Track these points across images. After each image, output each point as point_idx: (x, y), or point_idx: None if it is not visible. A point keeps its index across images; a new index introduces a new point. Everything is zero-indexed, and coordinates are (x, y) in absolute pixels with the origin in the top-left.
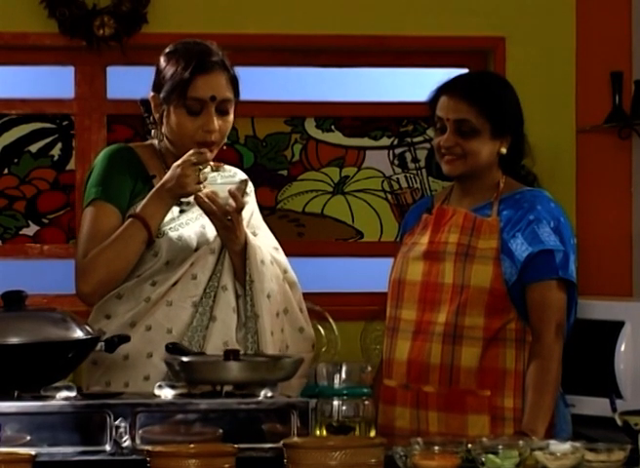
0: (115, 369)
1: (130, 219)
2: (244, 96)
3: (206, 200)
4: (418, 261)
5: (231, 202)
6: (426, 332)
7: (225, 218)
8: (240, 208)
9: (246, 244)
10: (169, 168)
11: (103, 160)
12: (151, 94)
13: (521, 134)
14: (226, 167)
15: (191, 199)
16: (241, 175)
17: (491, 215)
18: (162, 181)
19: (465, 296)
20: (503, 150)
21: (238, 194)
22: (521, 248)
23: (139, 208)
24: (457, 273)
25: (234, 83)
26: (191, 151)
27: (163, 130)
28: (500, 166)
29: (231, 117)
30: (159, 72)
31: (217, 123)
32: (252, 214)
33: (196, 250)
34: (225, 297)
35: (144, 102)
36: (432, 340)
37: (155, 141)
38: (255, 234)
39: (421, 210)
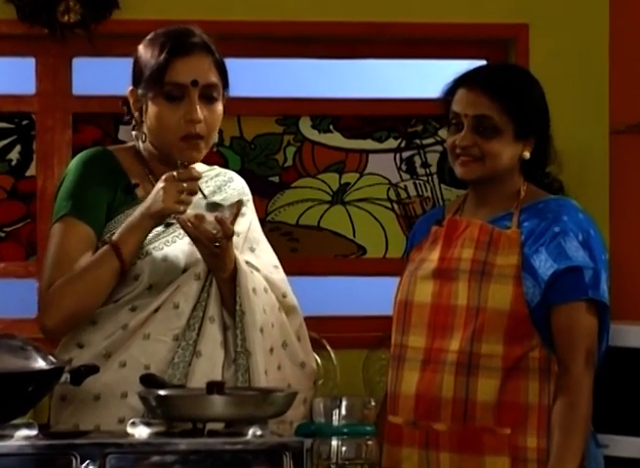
0: (85, 409)
1: (102, 247)
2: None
3: (189, 224)
4: (427, 281)
5: (226, 212)
6: (437, 362)
7: (213, 245)
8: (229, 236)
9: (236, 269)
10: (153, 174)
11: (76, 168)
12: (130, 88)
13: (547, 136)
14: (220, 169)
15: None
16: (237, 180)
17: (510, 227)
18: (143, 203)
19: (482, 320)
20: (527, 154)
21: (226, 221)
22: (545, 264)
23: (116, 234)
24: (471, 294)
25: (220, 68)
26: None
27: (144, 129)
28: (522, 172)
29: (219, 107)
30: (136, 63)
31: (201, 112)
32: (249, 226)
33: (184, 271)
34: (212, 330)
35: (126, 101)
36: (444, 371)
37: (139, 144)
38: (252, 250)
39: (431, 221)
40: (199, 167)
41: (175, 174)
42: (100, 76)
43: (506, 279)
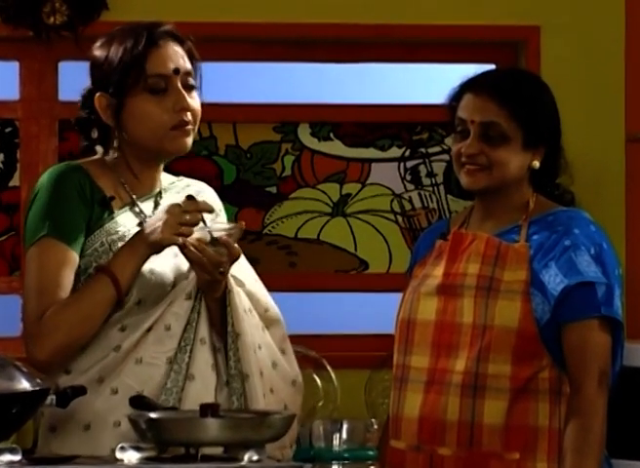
0: (75, 439)
1: (96, 274)
2: (224, 97)
3: (192, 249)
4: (430, 297)
5: (223, 250)
6: (441, 383)
7: (217, 271)
8: (236, 258)
9: (226, 288)
10: (127, 183)
11: (49, 185)
12: (98, 94)
13: (557, 146)
14: (189, 180)
15: None
16: (208, 191)
17: (519, 241)
18: (140, 229)
19: (488, 339)
20: (536, 164)
21: (232, 242)
22: (555, 280)
23: (110, 261)
24: (477, 311)
25: (193, 57)
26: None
27: (121, 133)
28: (531, 182)
29: (198, 98)
30: (100, 66)
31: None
32: None
33: (173, 286)
34: (203, 352)
35: (81, 122)
36: (449, 393)
37: (111, 154)
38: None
39: (436, 235)
40: (165, 177)
41: (180, 204)
42: (88, 81)
43: (514, 295)
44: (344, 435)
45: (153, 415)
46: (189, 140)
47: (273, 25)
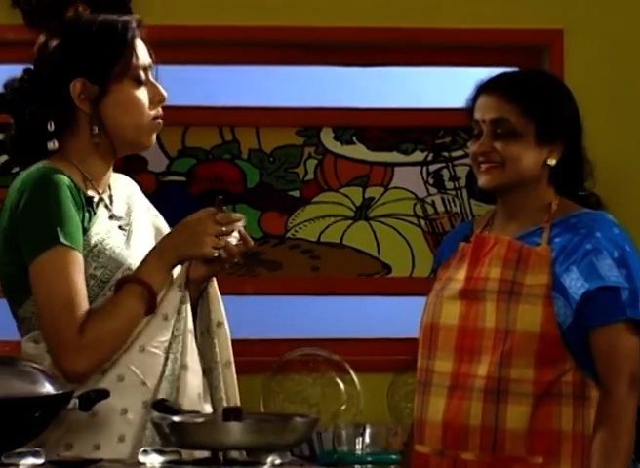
0: (80, 427)
1: (132, 286)
2: (247, 101)
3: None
4: (453, 301)
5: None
6: (464, 388)
7: (231, 261)
8: (250, 250)
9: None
10: (93, 179)
11: (44, 191)
12: (75, 80)
13: (577, 142)
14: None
15: (133, 219)
16: (128, 182)
17: (541, 244)
18: (167, 238)
19: (510, 344)
20: (552, 161)
21: (247, 235)
22: (576, 284)
23: (138, 271)
24: (499, 315)
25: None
26: (211, 209)
27: (96, 123)
28: (553, 184)
29: None
30: (77, 50)
31: None
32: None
33: None
34: (192, 342)
35: (33, 116)
36: (471, 397)
37: (62, 151)
38: None
39: (459, 237)
40: None
41: (212, 214)
42: None
43: (536, 299)
44: (367, 439)
45: (176, 419)
46: (155, 136)
47: (296, 29)
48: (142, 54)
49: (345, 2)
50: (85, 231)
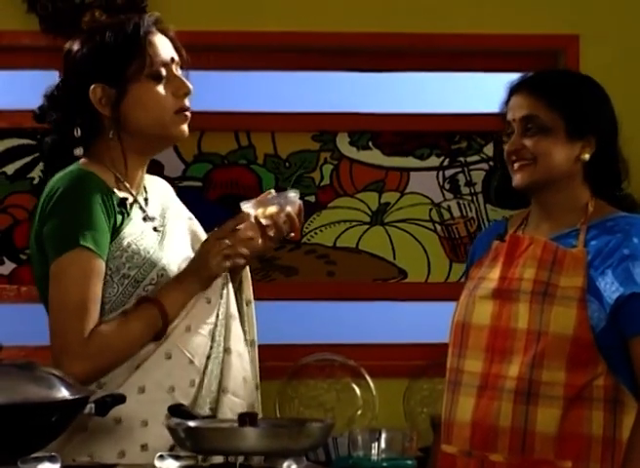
0: (103, 435)
1: (147, 305)
2: (263, 106)
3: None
4: (486, 301)
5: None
6: (494, 388)
7: (278, 241)
8: (298, 230)
9: None
10: (126, 179)
11: (73, 193)
12: (95, 85)
13: (611, 138)
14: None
15: (168, 216)
16: (160, 183)
17: (576, 246)
18: (189, 262)
19: (543, 345)
20: (585, 156)
21: (296, 218)
22: (611, 287)
23: (158, 292)
24: (533, 317)
25: (177, 48)
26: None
27: (120, 125)
28: (588, 183)
29: None
30: (90, 58)
31: None
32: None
33: None
34: (236, 326)
35: (58, 124)
36: (501, 398)
37: (96, 154)
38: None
39: (492, 236)
40: None
41: (217, 232)
42: None
43: (570, 301)
44: (383, 444)
45: (192, 424)
46: (186, 127)
47: (312, 34)
48: (162, 49)
49: (361, 8)
50: (118, 232)
